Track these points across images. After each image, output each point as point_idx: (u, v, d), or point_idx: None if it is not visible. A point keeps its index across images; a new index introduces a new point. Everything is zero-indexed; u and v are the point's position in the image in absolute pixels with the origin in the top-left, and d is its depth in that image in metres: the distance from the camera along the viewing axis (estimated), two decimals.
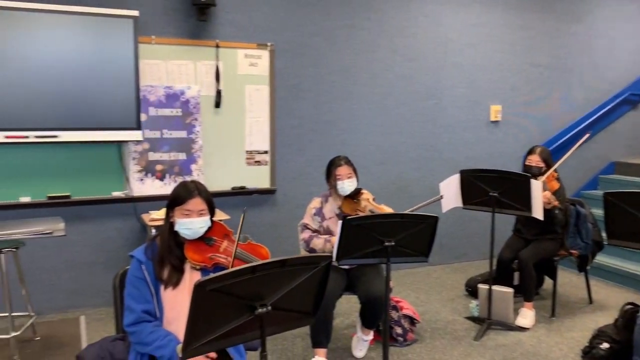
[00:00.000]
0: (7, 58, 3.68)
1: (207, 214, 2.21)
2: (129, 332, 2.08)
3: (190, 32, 4.39)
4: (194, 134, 4.41)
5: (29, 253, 4.06)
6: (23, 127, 3.77)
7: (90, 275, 4.28)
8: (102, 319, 4.09)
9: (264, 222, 4.83)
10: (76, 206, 4.16)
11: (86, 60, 3.90)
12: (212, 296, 1.56)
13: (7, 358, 2.92)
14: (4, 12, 3.64)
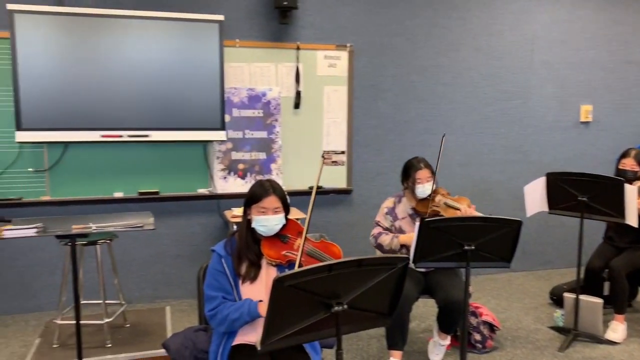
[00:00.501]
0: (103, 62, 3.95)
1: (281, 211, 2.26)
2: (210, 317, 2.16)
3: (272, 35, 4.50)
4: (274, 134, 4.51)
5: (121, 245, 4.34)
6: (118, 126, 4.03)
7: (176, 268, 4.51)
8: (186, 310, 4.28)
9: (340, 222, 4.86)
10: (164, 202, 4.38)
11: (175, 63, 4.10)
12: (289, 292, 1.59)
13: (101, 342, 3.14)
14: (101, 19, 3.91)
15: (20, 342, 3.69)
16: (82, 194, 4.18)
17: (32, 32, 3.78)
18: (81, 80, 3.92)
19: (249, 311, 2.09)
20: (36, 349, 3.08)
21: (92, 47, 3.91)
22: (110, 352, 3.05)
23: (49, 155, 4.09)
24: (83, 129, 3.95)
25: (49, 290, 4.22)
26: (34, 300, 4.22)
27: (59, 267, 4.20)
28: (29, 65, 3.81)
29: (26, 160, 4.05)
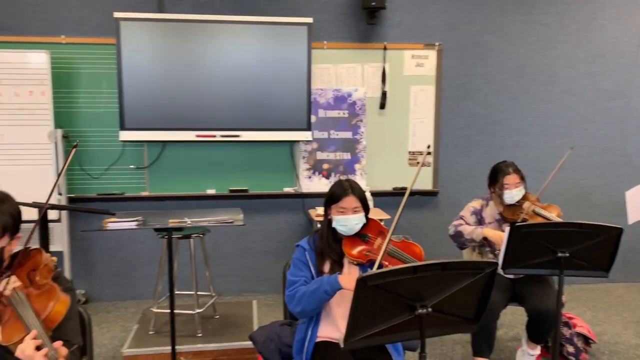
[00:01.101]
0: (199, 66, 4.16)
1: (361, 211, 2.27)
2: (289, 297, 2.18)
3: (360, 35, 4.51)
4: (359, 134, 4.53)
5: (213, 239, 4.54)
6: (211, 127, 4.22)
7: (262, 263, 4.65)
8: (271, 305, 4.41)
9: (425, 224, 4.78)
10: (252, 199, 4.54)
11: (264, 66, 4.23)
12: (373, 291, 1.60)
13: (192, 331, 3.30)
14: (197, 24, 4.12)
15: (120, 327, 3.97)
16: (178, 190, 4.42)
17: (135, 38, 4.06)
18: (178, 82, 4.15)
19: (328, 280, 2.10)
20: (134, 335, 3.30)
21: (189, 51, 4.12)
22: (200, 341, 3.20)
23: (149, 153, 4.36)
24: (180, 129, 4.18)
25: (146, 280, 4.51)
26: (133, 289, 4.52)
27: (155, 259, 4.47)
28: (132, 69, 4.08)
29: (128, 158, 4.35)
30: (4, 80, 3.91)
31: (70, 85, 4.21)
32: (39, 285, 1.65)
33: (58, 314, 1.60)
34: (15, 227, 1.69)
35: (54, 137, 4.01)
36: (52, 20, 4.18)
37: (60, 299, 1.62)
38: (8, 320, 1.57)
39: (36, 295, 1.62)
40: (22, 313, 1.56)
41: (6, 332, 1.55)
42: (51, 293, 1.63)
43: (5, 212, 1.64)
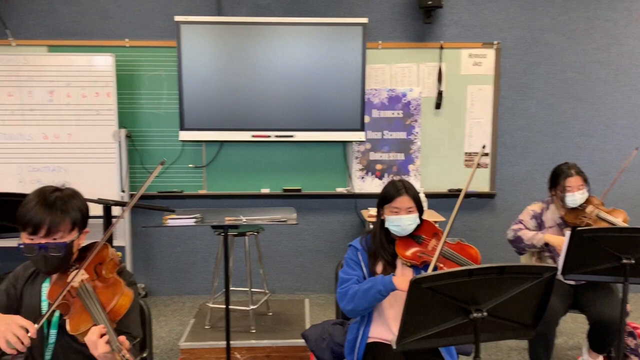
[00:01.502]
0: (255, 67, 4.23)
1: (415, 211, 2.24)
2: (340, 295, 2.18)
3: (415, 35, 4.47)
4: (413, 135, 4.48)
5: (267, 237, 4.62)
6: (266, 127, 4.30)
7: (315, 263, 4.68)
8: (323, 305, 4.43)
9: (481, 227, 4.68)
10: (306, 199, 4.58)
11: (319, 67, 4.26)
12: (427, 294, 1.58)
13: (246, 327, 3.37)
14: (254, 27, 4.19)
15: (178, 321, 4.10)
16: (234, 189, 4.52)
17: (194, 41, 4.18)
18: (235, 84, 4.24)
19: (382, 280, 2.09)
20: (191, 329, 3.40)
21: (245, 52, 4.21)
22: (254, 337, 3.26)
23: (207, 153, 4.49)
24: (236, 130, 4.28)
25: (202, 276, 4.64)
26: (190, 284, 4.66)
27: (212, 255, 4.59)
28: (192, 71, 4.21)
29: (187, 157, 4.49)
30: (72, 83, 4.12)
31: (133, 87, 4.39)
32: (105, 278, 1.72)
33: (122, 307, 1.67)
34: (84, 222, 1.77)
35: (118, 136, 4.19)
36: (117, 25, 4.37)
37: (124, 292, 1.69)
38: (76, 311, 1.65)
39: (102, 288, 1.69)
40: (88, 305, 1.63)
41: (74, 322, 1.63)
42: (116, 287, 1.70)
43: (75, 208, 1.72)
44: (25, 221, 1.66)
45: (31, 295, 1.76)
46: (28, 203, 1.68)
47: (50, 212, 1.66)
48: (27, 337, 1.55)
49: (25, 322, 1.57)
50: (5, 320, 1.58)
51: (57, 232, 1.67)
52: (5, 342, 1.53)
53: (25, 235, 1.68)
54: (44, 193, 1.70)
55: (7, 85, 4.10)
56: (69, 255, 1.73)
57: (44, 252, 1.66)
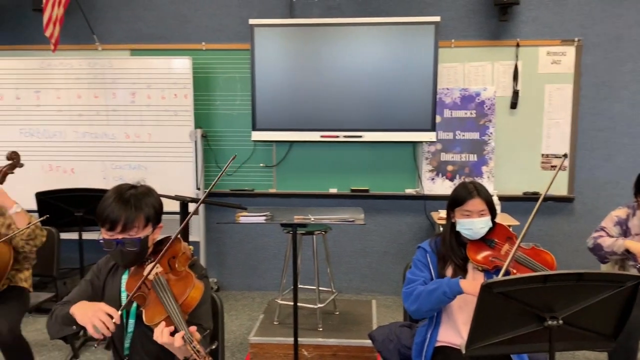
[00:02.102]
0: (325, 68, 4.27)
1: (487, 214, 2.18)
2: (406, 294, 2.16)
3: (490, 33, 4.34)
4: (487, 135, 4.36)
5: (334, 237, 4.64)
6: (335, 128, 4.32)
7: (382, 264, 4.66)
8: (390, 306, 4.40)
9: (558, 232, 4.47)
10: (374, 199, 4.57)
11: (389, 66, 4.23)
12: (498, 299, 1.54)
13: (313, 325, 3.41)
14: (325, 28, 4.23)
15: (247, 315, 4.22)
16: (302, 189, 4.58)
17: (267, 43, 4.27)
18: (306, 85, 4.30)
19: (448, 282, 2.05)
20: (260, 324, 3.48)
21: (316, 54, 4.26)
22: (321, 335, 3.29)
23: (277, 152, 4.58)
24: (305, 130, 4.34)
25: (271, 273, 4.73)
26: (259, 280, 4.77)
27: (281, 253, 4.68)
28: (264, 73, 4.31)
29: (258, 156, 4.60)
30: (152, 85, 4.34)
31: (209, 89, 4.55)
32: (178, 272, 1.80)
33: (193, 299, 1.74)
34: (157, 218, 1.86)
35: (194, 136, 4.36)
36: (195, 29, 4.55)
37: (195, 285, 1.75)
38: (151, 302, 1.73)
39: (175, 281, 1.77)
40: (162, 297, 1.71)
41: (149, 313, 1.71)
42: (188, 280, 1.77)
43: (149, 204, 1.81)
44: (104, 218, 1.75)
45: (112, 286, 1.87)
46: (105, 200, 1.77)
47: (125, 209, 1.74)
48: (111, 323, 1.64)
49: (110, 309, 1.67)
50: (93, 307, 1.68)
51: (133, 228, 1.76)
52: (93, 327, 1.63)
53: (104, 231, 1.77)
54: (120, 191, 1.79)
55: (93, 87, 4.38)
56: (144, 249, 1.82)
57: (121, 247, 1.75)
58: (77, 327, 1.70)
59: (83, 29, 4.55)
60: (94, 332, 1.64)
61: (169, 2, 4.55)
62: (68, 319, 1.71)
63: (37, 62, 4.38)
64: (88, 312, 1.66)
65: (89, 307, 1.69)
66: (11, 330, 2.60)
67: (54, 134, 4.43)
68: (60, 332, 1.77)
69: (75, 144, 4.44)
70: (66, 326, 1.74)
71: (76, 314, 1.69)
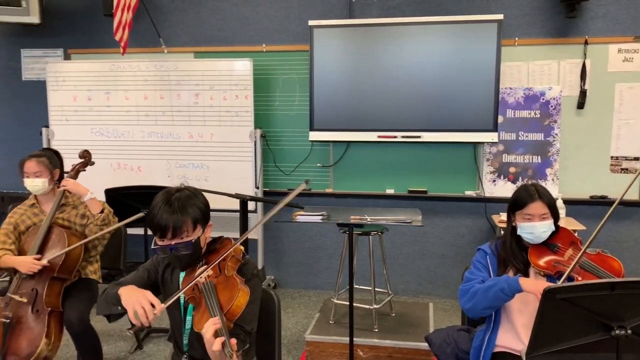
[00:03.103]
0: (383, 68, 4.25)
1: (549, 218, 2.10)
2: (462, 292, 2.12)
3: (556, 30, 4.19)
4: (552, 136, 4.20)
5: (390, 238, 4.62)
6: (392, 128, 4.29)
7: (440, 267, 4.59)
8: (448, 310, 4.33)
9: (627, 238, 4.25)
10: (431, 201, 4.50)
11: (449, 66, 4.16)
12: (562, 305, 1.49)
13: (369, 326, 3.40)
14: (384, 28, 4.21)
15: (304, 314, 4.26)
16: (359, 189, 4.58)
17: (326, 44, 4.30)
18: (363, 85, 4.30)
19: (507, 279, 2.00)
20: (316, 322, 3.51)
21: (374, 54, 4.25)
22: (376, 336, 3.28)
23: (334, 152, 4.60)
24: (362, 130, 4.33)
25: (327, 272, 4.76)
26: (315, 279, 4.81)
27: (337, 252, 4.70)
28: (322, 73, 4.34)
29: (316, 156, 4.64)
30: (215, 86, 4.46)
31: (268, 90, 4.63)
32: (227, 276, 1.80)
33: (239, 307, 1.73)
34: (205, 218, 1.87)
35: (253, 136, 4.46)
36: (255, 31, 4.64)
37: (241, 291, 1.74)
38: (200, 308, 1.76)
39: (223, 287, 1.77)
40: (209, 304, 1.72)
41: (197, 319, 1.73)
42: (234, 287, 1.76)
43: (194, 206, 1.81)
44: (154, 226, 1.77)
45: (171, 281, 1.93)
46: (153, 209, 1.78)
47: (172, 216, 1.75)
48: (152, 312, 1.66)
49: (155, 299, 1.70)
50: (139, 293, 1.72)
51: (182, 232, 1.77)
52: (133, 312, 1.67)
53: (157, 239, 1.80)
54: (165, 196, 1.81)
55: (159, 88, 4.55)
56: (198, 250, 1.84)
57: (175, 252, 1.77)
58: (121, 309, 1.74)
59: (150, 33, 4.74)
60: (133, 317, 1.66)
61: (232, 5, 4.67)
62: (115, 299, 1.76)
63: (108, 65, 4.61)
64: (133, 297, 1.70)
65: (136, 293, 1.73)
66: (81, 319, 2.75)
67: (122, 133, 4.65)
68: (106, 309, 1.81)
69: (142, 143, 4.63)
70: (113, 305, 1.77)
71: (123, 295, 1.73)
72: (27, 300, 2.67)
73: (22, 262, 2.70)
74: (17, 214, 2.96)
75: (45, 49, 4.99)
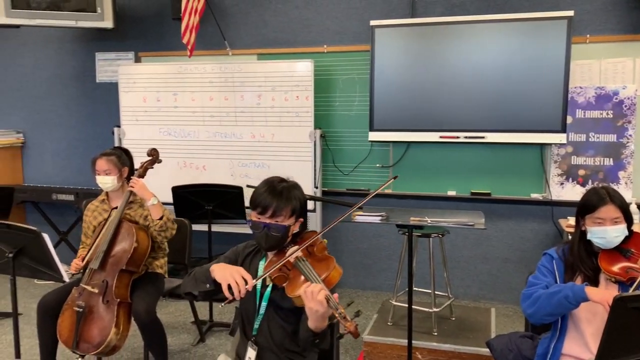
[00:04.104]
0: (446, 67, 4.18)
1: (622, 222, 2.01)
2: (525, 296, 2.07)
3: (632, 26, 3.97)
4: (625, 137, 3.99)
5: (451, 241, 4.53)
6: (455, 128, 4.21)
7: (503, 272, 4.46)
8: (511, 316, 4.20)
9: None
10: (495, 204, 4.38)
11: (515, 64, 4.03)
12: (634, 314, 1.42)
13: (428, 329, 3.36)
14: (448, 26, 4.14)
15: (362, 314, 4.25)
16: (419, 190, 4.53)
17: (387, 44, 4.28)
18: (425, 85, 4.24)
19: (572, 287, 1.92)
20: (373, 323, 3.50)
21: (436, 53, 4.18)
22: (436, 340, 3.23)
23: (394, 153, 4.57)
24: (423, 130, 4.28)
25: (386, 273, 4.73)
26: (373, 280, 4.79)
27: (395, 254, 4.66)
28: (383, 73, 4.32)
29: (375, 157, 4.62)
30: (276, 87, 4.54)
31: (329, 90, 4.66)
32: (317, 256, 1.90)
33: (334, 278, 1.81)
34: (301, 211, 1.99)
35: (313, 136, 4.50)
36: (317, 32, 4.68)
37: (335, 267, 1.83)
38: (293, 278, 1.84)
39: (315, 262, 1.86)
40: (305, 271, 1.81)
41: (291, 287, 1.82)
42: (328, 261, 1.86)
43: (296, 197, 1.95)
44: (257, 203, 1.92)
45: (249, 271, 2.00)
46: (260, 189, 1.95)
47: (277, 198, 1.90)
48: (244, 287, 1.79)
49: (247, 275, 1.83)
50: (232, 268, 1.86)
51: (280, 216, 1.90)
52: (227, 285, 1.79)
53: (254, 214, 1.94)
54: (273, 182, 1.97)
55: (224, 90, 4.68)
56: (286, 237, 1.95)
57: (267, 231, 1.90)
58: (210, 286, 1.88)
59: (215, 36, 4.89)
60: (227, 290, 1.79)
61: (294, 7, 4.73)
62: (206, 277, 1.89)
63: (176, 67, 4.78)
64: (226, 272, 1.83)
65: (229, 268, 1.87)
66: (148, 311, 2.88)
67: (189, 133, 4.81)
68: (194, 287, 1.95)
69: (207, 143, 4.78)
70: (202, 283, 1.91)
71: (215, 271, 1.87)
72: (98, 291, 2.82)
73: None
74: (89, 210, 3.14)
75: (118, 52, 5.24)
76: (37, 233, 2.56)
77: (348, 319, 1.59)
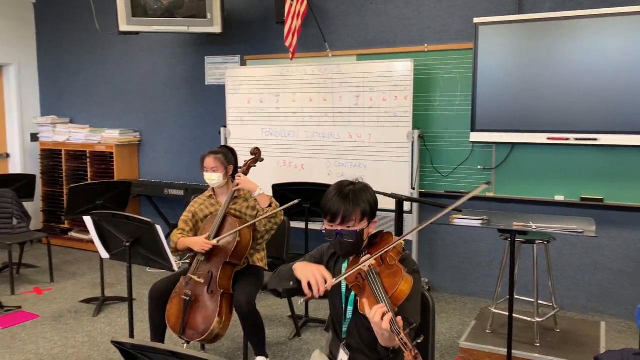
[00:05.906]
0: (554, 65, 3.95)
1: None
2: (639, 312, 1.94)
3: None
4: None
5: (558, 248, 4.28)
6: (564, 129, 3.97)
7: (615, 284, 4.14)
8: (624, 332, 3.89)
9: None
10: (608, 210, 4.08)
11: (632, 61, 3.72)
12: None
13: (529, 339, 3.20)
14: (557, 22, 3.91)
15: (458, 320, 4.15)
16: (524, 194, 4.32)
17: (491, 41, 4.13)
18: (531, 83, 4.04)
19: None
20: (471, 330, 3.40)
21: (545, 50, 3.97)
22: (538, 351, 3.07)
23: (497, 155, 4.40)
24: (529, 131, 4.08)
25: (485, 279, 4.57)
26: (472, 285, 4.65)
27: (496, 260, 4.49)
28: (486, 72, 4.17)
29: (476, 158, 4.48)
30: (375, 87, 4.54)
31: (429, 90, 4.58)
32: (389, 265, 1.88)
33: (402, 292, 1.80)
34: (372, 213, 1.98)
35: (411, 137, 4.45)
36: (417, 31, 4.63)
37: (404, 278, 1.81)
38: (365, 293, 1.84)
39: (386, 274, 1.85)
40: (374, 288, 1.80)
41: (361, 302, 1.81)
42: (398, 273, 1.84)
43: (365, 200, 1.94)
44: (326, 211, 1.94)
45: (333, 271, 2.04)
46: (328, 195, 1.96)
47: (344, 204, 1.90)
48: (324, 286, 1.82)
49: (328, 274, 1.86)
50: (313, 267, 1.90)
51: (350, 221, 1.90)
52: (307, 282, 1.83)
53: (326, 223, 1.96)
54: (340, 187, 1.96)
55: (323, 91, 4.76)
56: (360, 241, 1.95)
57: (340, 238, 1.92)
58: (294, 283, 1.93)
59: (316, 38, 4.99)
60: (306, 287, 1.83)
61: (395, 7, 4.70)
62: (289, 275, 1.95)
63: (278, 69, 4.94)
64: (307, 270, 1.88)
65: (310, 266, 1.91)
66: (248, 302, 3.01)
67: (289, 133, 4.95)
68: (278, 284, 2.01)
69: (306, 143, 4.89)
70: (285, 280, 1.97)
71: (297, 269, 1.92)
72: (203, 281, 3.00)
73: (195, 242, 3.06)
74: (197, 203, 3.33)
75: (225, 56, 5.51)
76: (152, 224, 2.77)
77: (410, 346, 1.56)
